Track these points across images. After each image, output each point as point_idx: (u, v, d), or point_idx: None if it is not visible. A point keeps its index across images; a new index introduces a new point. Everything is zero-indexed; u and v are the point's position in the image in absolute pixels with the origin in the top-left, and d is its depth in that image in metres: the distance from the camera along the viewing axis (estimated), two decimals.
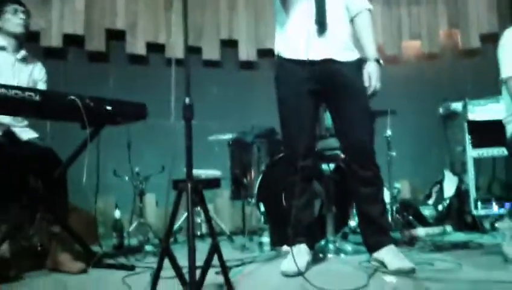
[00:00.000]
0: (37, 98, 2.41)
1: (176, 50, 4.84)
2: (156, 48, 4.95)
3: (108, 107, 2.72)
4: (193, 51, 4.89)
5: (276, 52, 2.55)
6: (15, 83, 2.79)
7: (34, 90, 2.50)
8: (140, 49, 4.86)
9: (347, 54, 2.42)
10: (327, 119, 3.41)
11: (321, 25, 2.33)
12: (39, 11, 4.43)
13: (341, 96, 2.40)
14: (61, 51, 4.57)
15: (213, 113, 4.51)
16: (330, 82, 2.39)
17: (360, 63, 2.47)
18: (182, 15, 2.17)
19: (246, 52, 5.28)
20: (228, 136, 3.95)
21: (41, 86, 3.03)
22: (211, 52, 5.14)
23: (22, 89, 2.39)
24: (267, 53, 5.31)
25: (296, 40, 2.38)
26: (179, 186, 1.90)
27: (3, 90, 2.30)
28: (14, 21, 2.84)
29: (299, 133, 2.41)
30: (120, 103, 2.79)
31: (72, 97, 2.54)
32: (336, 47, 2.37)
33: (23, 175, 2.71)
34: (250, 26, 5.29)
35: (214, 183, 3.93)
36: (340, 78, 2.38)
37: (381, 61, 2.49)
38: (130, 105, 2.87)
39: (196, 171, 3.34)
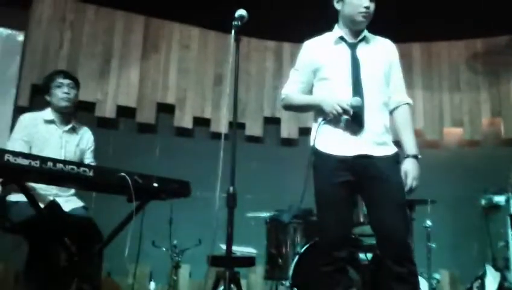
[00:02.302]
0: (91, 173, 2.56)
1: (221, 126, 5.05)
2: (201, 122, 5.18)
3: (155, 184, 2.84)
4: (237, 126, 5.08)
5: (312, 143, 2.53)
6: (62, 154, 2.93)
7: (88, 166, 2.64)
8: (187, 123, 5.10)
9: (383, 150, 2.40)
10: (364, 205, 3.42)
11: (359, 123, 2.36)
12: (96, 83, 4.77)
13: (375, 190, 2.37)
14: (114, 121, 4.85)
15: (252, 187, 4.59)
16: (364, 175, 2.36)
17: (397, 157, 2.46)
18: (233, 94, 2.33)
19: (288, 129, 5.43)
20: (265, 214, 4.00)
21: (89, 155, 3.13)
22: (254, 128, 5.33)
23: (78, 165, 2.53)
24: (308, 131, 5.44)
25: (331, 136, 2.41)
26: (218, 273, 1.96)
27: (60, 166, 2.45)
28: (59, 96, 2.95)
29: (334, 224, 2.38)
30: (166, 181, 2.89)
31: (123, 174, 2.67)
32: (371, 143, 2.38)
33: (61, 246, 2.80)
34: None
35: (248, 262, 3.94)
36: (375, 172, 2.35)
37: (419, 156, 2.47)
38: (175, 183, 2.96)
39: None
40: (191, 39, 5.28)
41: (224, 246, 2.18)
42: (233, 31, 2.33)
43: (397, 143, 2.49)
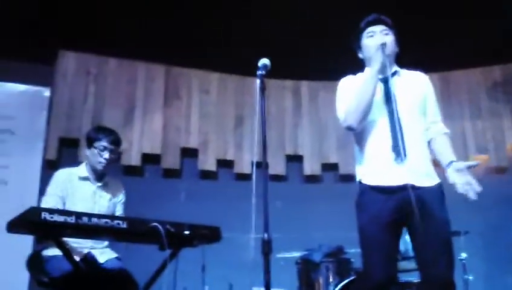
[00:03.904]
0: (124, 225, 2.60)
1: (244, 166, 5.10)
2: (225, 164, 5.22)
3: (187, 232, 2.86)
4: (260, 166, 5.11)
5: (358, 179, 2.53)
6: (95, 209, 3.01)
7: (121, 218, 2.69)
8: (211, 166, 5.15)
9: (427, 180, 2.38)
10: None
11: (397, 152, 2.36)
12: (121, 133, 4.82)
13: (420, 226, 2.24)
14: (139, 169, 4.93)
15: (279, 227, 4.52)
16: (409, 209, 2.32)
17: (442, 188, 2.40)
18: (261, 139, 2.36)
19: (311, 166, 5.44)
20: (296, 254, 3.96)
21: (119, 207, 3.22)
22: (277, 167, 5.34)
23: (111, 218, 2.58)
24: (331, 167, 5.46)
25: (375, 168, 2.42)
26: None
27: (95, 220, 2.50)
28: (98, 159, 3.02)
29: (382, 266, 2.33)
30: (197, 227, 2.92)
31: (155, 224, 2.71)
32: (415, 173, 2.34)
33: None
34: (315, 142, 5.49)
35: None
36: (419, 205, 2.23)
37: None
38: (206, 228, 2.98)
39: None
40: (210, 84, 5.40)
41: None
42: (258, 81, 2.40)
43: None
